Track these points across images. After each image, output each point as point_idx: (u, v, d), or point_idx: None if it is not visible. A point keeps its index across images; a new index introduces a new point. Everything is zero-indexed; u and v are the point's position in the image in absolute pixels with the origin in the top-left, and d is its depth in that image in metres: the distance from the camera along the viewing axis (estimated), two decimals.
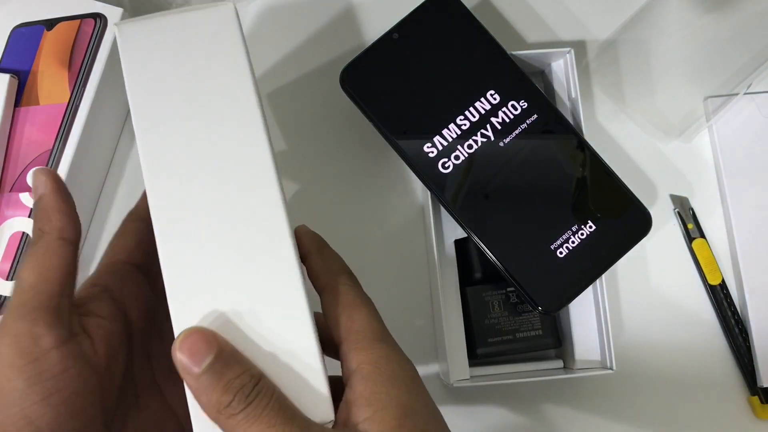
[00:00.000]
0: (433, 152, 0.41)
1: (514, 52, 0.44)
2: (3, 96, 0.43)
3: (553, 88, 0.47)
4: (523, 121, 0.42)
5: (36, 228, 0.25)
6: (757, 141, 0.49)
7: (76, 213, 0.26)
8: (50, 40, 0.45)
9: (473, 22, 0.43)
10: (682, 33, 0.49)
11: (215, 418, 0.22)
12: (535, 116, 0.42)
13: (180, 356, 0.22)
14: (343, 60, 0.43)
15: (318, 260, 0.27)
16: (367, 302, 0.26)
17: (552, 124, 0.42)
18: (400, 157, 0.42)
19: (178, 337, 0.23)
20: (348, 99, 0.42)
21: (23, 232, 0.42)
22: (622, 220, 0.41)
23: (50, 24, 0.46)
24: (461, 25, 0.43)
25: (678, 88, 0.49)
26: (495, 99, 0.42)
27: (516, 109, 0.42)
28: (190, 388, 0.22)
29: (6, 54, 0.46)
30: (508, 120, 0.42)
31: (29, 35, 0.46)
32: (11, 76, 0.44)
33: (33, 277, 0.23)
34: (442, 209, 0.43)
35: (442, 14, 0.43)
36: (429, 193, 0.43)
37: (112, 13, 0.45)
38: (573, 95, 0.45)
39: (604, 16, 0.51)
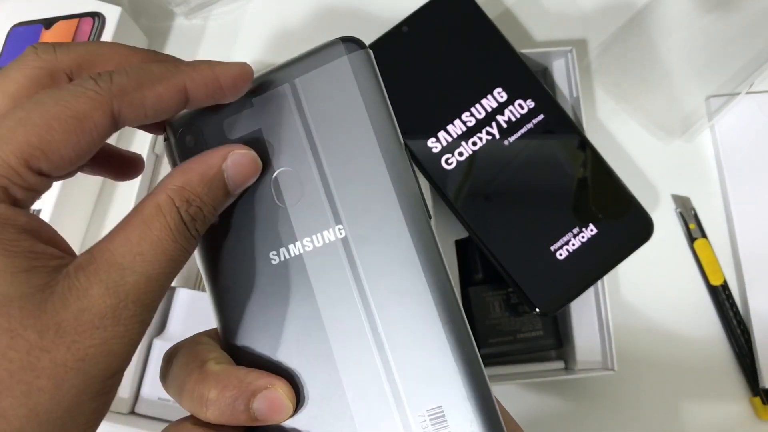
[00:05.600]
0: (437, 147, 0.41)
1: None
2: None
3: (554, 87, 0.47)
4: (529, 121, 0.42)
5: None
6: (759, 140, 0.48)
7: None
8: (48, 39, 0.45)
9: (484, 19, 0.43)
10: (683, 32, 0.49)
11: None
12: (542, 116, 0.42)
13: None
14: None
15: None
16: None
17: (558, 125, 0.42)
18: None
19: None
20: None
21: None
22: (624, 225, 0.41)
23: (48, 23, 0.45)
24: (471, 21, 0.43)
25: (680, 88, 0.49)
26: (502, 97, 0.42)
27: (522, 108, 0.42)
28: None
29: (4, 53, 0.45)
30: (514, 119, 0.41)
31: (28, 34, 0.46)
32: None
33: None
34: (443, 209, 0.43)
35: (453, 10, 0.43)
36: (430, 191, 0.43)
37: (111, 12, 0.45)
38: (574, 94, 0.45)
39: (606, 15, 0.51)
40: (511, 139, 0.41)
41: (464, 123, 0.41)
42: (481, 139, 0.41)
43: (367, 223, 0.21)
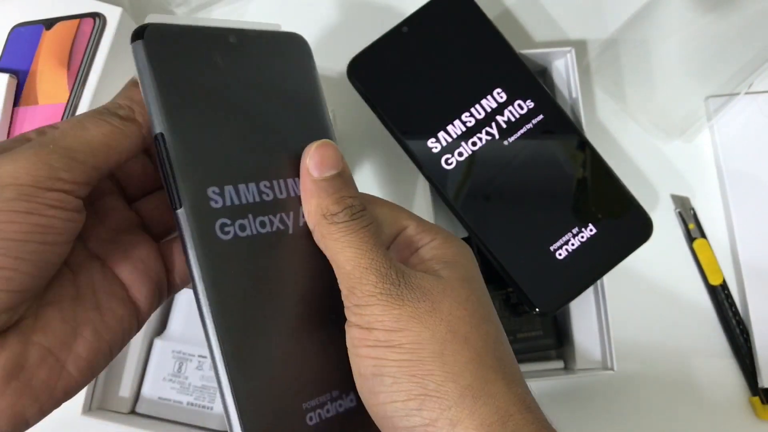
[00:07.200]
0: (437, 148, 0.41)
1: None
2: (2, 95, 0.43)
3: (554, 87, 0.47)
4: (529, 121, 0.42)
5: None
6: (759, 140, 0.48)
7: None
8: (49, 40, 0.45)
9: (484, 19, 0.43)
10: (683, 32, 0.49)
11: (316, 222, 0.24)
12: (541, 117, 0.42)
13: (309, 160, 0.24)
14: (351, 52, 0.42)
15: None
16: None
17: (558, 125, 0.42)
18: (404, 152, 0.42)
19: (312, 144, 0.25)
20: (354, 91, 0.42)
21: None
22: (623, 225, 0.41)
23: (49, 23, 0.45)
24: (471, 21, 0.43)
25: (679, 88, 0.49)
26: (502, 97, 0.42)
27: (522, 109, 0.42)
28: (305, 189, 0.24)
29: (5, 53, 0.45)
30: (513, 119, 0.42)
31: (28, 35, 0.46)
32: (10, 75, 0.44)
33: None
34: (443, 208, 0.43)
35: (453, 10, 0.43)
36: (430, 191, 0.43)
37: (111, 12, 0.45)
38: (574, 95, 0.45)
39: (606, 16, 0.51)
40: (511, 139, 0.41)
41: (464, 123, 0.41)
42: (480, 139, 0.41)
43: None
